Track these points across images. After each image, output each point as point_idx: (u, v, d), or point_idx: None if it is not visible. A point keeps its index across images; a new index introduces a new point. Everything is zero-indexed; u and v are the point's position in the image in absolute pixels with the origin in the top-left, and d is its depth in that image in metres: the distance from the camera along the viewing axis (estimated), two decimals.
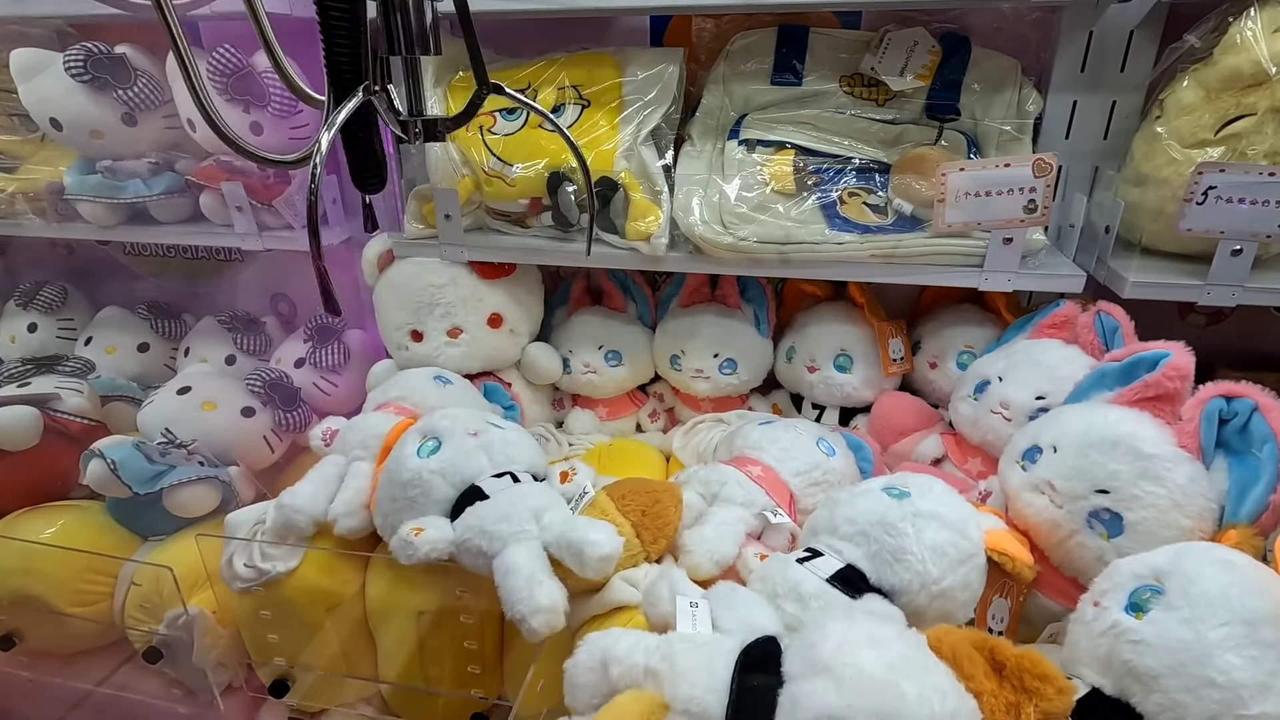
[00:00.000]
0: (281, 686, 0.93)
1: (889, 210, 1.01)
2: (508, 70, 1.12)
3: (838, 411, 1.22)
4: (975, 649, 0.54)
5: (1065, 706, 0.52)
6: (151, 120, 1.19)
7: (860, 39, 1.06)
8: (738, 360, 1.22)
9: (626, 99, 1.06)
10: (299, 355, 1.33)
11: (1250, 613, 0.55)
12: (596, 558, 0.74)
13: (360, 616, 0.92)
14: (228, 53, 1.06)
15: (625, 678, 0.61)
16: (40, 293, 1.48)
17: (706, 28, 1.17)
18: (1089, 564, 0.76)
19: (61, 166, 1.28)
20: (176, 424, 1.13)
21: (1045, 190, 0.89)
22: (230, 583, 0.88)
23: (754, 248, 1.00)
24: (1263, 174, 0.80)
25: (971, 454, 1.02)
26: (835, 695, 0.50)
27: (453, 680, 0.90)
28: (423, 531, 0.79)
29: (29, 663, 1.03)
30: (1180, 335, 0.81)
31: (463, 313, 1.18)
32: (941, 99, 1.04)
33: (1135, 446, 0.74)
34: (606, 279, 1.31)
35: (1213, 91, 0.85)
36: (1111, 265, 0.95)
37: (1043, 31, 1.04)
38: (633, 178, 1.03)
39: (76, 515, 1.06)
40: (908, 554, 0.71)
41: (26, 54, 1.17)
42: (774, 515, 0.88)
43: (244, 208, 1.19)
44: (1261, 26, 0.81)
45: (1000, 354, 1.02)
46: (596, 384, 1.28)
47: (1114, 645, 0.60)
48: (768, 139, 1.06)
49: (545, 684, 0.76)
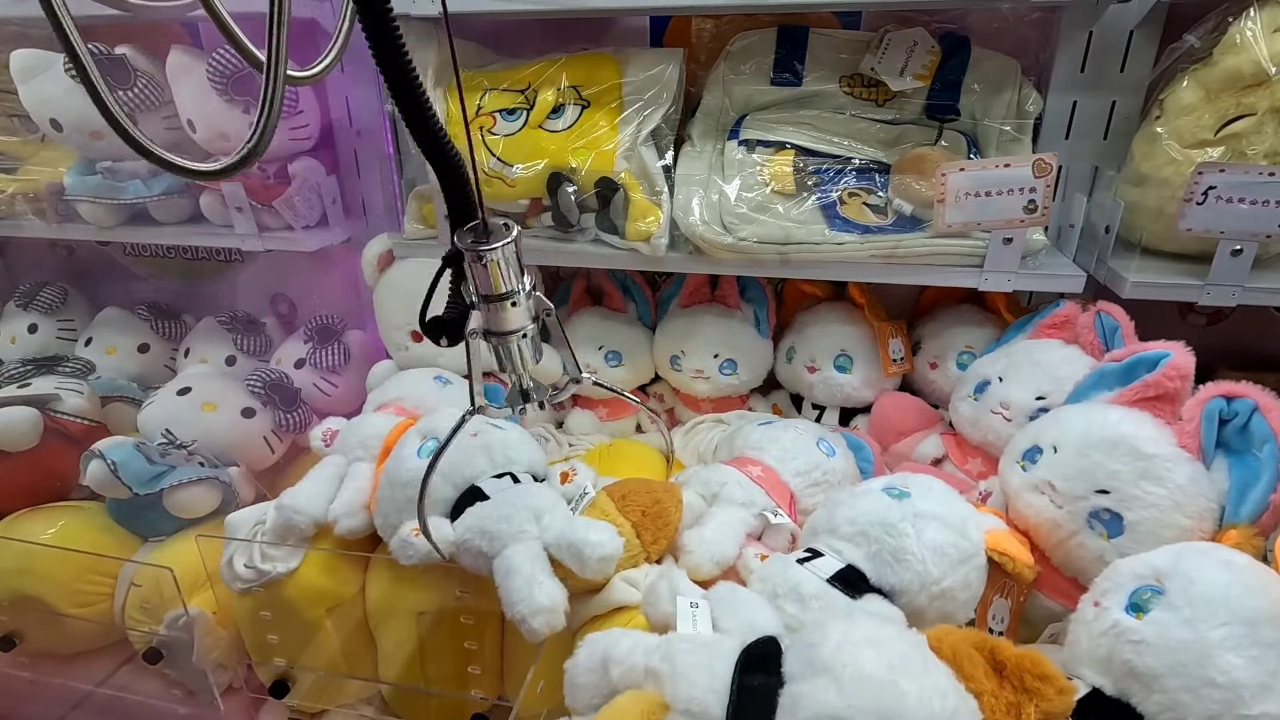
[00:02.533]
0: (282, 687, 0.93)
1: (889, 210, 1.01)
2: (508, 70, 1.12)
3: (838, 412, 1.22)
4: (975, 649, 0.54)
5: (1066, 707, 0.52)
6: (151, 121, 1.19)
7: (860, 39, 1.06)
8: (738, 361, 1.22)
9: (626, 99, 1.06)
10: (299, 356, 1.33)
11: (1251, 613, 0.55)
12: (596, 558, 0.74)
13: (360, 617, 0.92)
14: (227, 54, 1.06)
15: (625, 678, 0.61)
16: (40, 293, 1.48)
17: (706, 28, 1.17)
18: (1089, 564, 0.76)
19: (62, 167, 1.28)
20: (177, 425, 1.13)
21: (1045, 190, 0.89)
22: (230, 583, 0.88)
23: (754, 248, 1.00)
24: (1263, 174, 0.80)
25: (972, 454, 1.02)
26: (835, 695, 0.50)
27: (453, 681, 0.90)
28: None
29: (29, 663, 1.03)
30: (1180, 335, 0.81)
31: None
32: (941, 99, 1.04)
33: (1135, 447, 0.74)
34: (606, 279, 1.31)
35: (1212, 91, 0.85)
36: (1111, 265, 0.95)
37: (1043, 31, 1.04)
38: (633, 178, 1.03)
39: (77, 516, 1.06)
40: (908, 554, 0.71)
41: (27, 55, 1.17)
42: (774, 516, 0.88)
43: (244, 208, 1.19)
44: (1261, 26, 0.81)
45: (1000, 354, 1.02)
46: None
47: (1114, 645, 0.60)
48: (768, 139, 1.06)
49: (545, 684, 0.76)
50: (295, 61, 0.48)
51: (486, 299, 0.62)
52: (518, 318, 0.64)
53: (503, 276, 0.61)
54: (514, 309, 0.63)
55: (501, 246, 0.59)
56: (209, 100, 1.10)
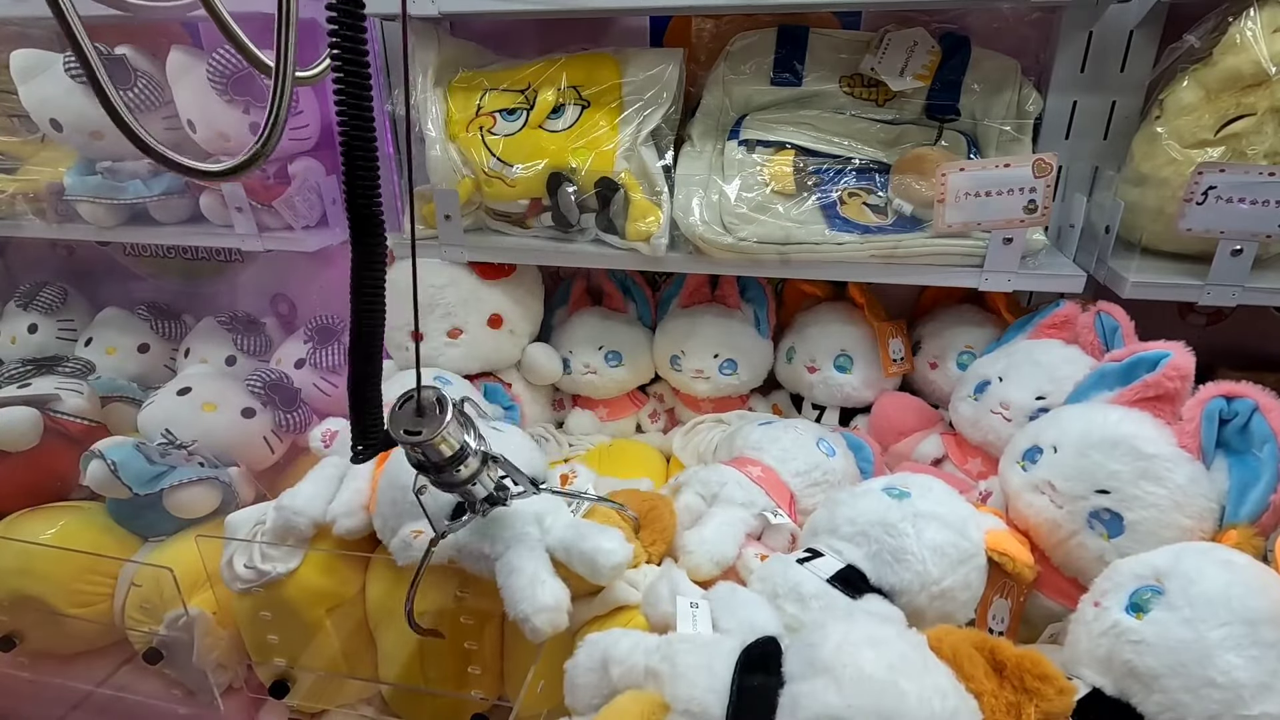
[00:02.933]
0: (281, 687, 0.93)
1: (889, 210, 1.01)
2: (508, 71, 1.12)
3: (838, 412, 1.22)
4: (976, 649, 0.54)
5: (1066, 707, 0.52)
6: (151, 121, 1.19)
7: (860, 39, 1.05)
8: (738, 361, 1.22)
9: (626, 99, 1.06)
10: (299, 356, 1.33)
11: (1251, 613, 0.55)
12: (610, 566, 0.74)
13: (360, 617, 0.92)
14: (227, 54, 1.06)
15: (626, 678, 0.61)
16: (40, 293, 1.48)
17: (706, 28, 1.17)
18: (1089, 564, 0.76)
19: (62, 167, 1.28)
20: (176, 425, 1.13)
21: (1045, 190, 0.89)
22: (230, 583, 0.88)
23: (754, 248, 1.00)
24: (1263, 174, 0.80)
25: (972, 454, 1.02)
26: (835, 695, 0.50)
27: (453, 681, 0.90)
28: (423, 534, 0.80)
29: (29, 663, 1.03)
30: (1180, 335, 0.81)
31: (463, 313, 1.18)
32: (941, 99, 1.04)
33: (1136, 447, 0.74)
34: (606, 279, 1.31)
35: (1212, 91, 0.85)
36: (1111, 265, 0.95)
37: (1043, 31, 1.04)
38: (633, 178, 1.03)
39: (77, 516, 1.06)
40: (908, 554, 0.71)
41: (27, 55, 1.17)
42: (774, 516, 0.88)
43: (244, 208, 1.19)
44: (1261, 26, 0.81)
45: (1000, 354, 1.02)
46: (596, 384, 1.28)
47: (1114, 645, 0.60)
48: (768, 139, 1.06)
49: (545, 684, 0.76)
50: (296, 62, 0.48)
51: (438, 468, 0.64)
52: (470, 467, 0.65)
53: (450, 445, 0.62)
54: (467, 462, 0.65)
55: (443, 429, 0.61)
56: (209, 100, 1.10)
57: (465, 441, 0.64)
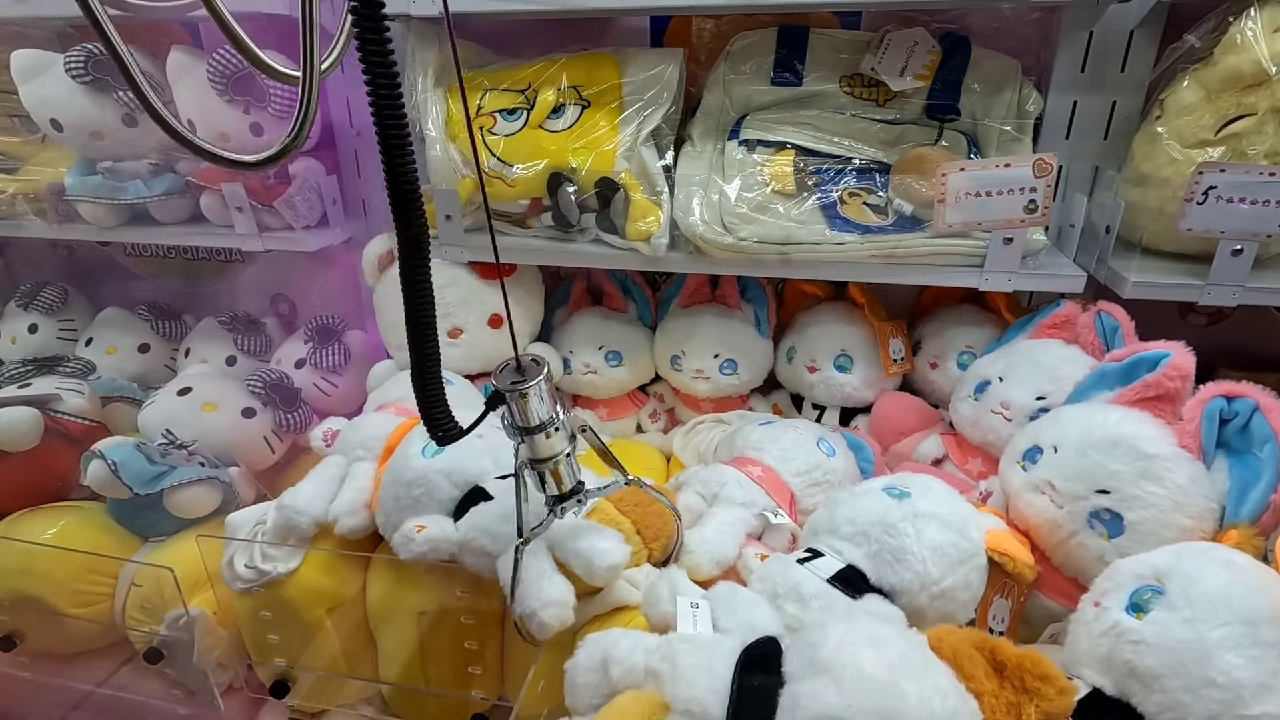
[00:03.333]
0: (282, 687, 0.93)
1: (889, 210, 1.01)
2: (508, 70, 1.12)
3: (838, 412, 1.22)
4: (976, 649, 0.54)
5: (1066, 707, 0.52)
6: (152, 121, 1.19)
7: (860, 39, 1.06)
8: (738, 361, 1.22)
9: (626, 99, 1.06)
10: (299, 356, 1.33)
11: (1251, 613, 0.55)
12: (606, 566, 0.74)
13: (361, 617, 0.92)
14: (227, 54, 1.06)
15: (626, 678, 0.61)
16: (41, 294, 1.48)
17: (706, 28, 1.17)
18: (1090, 564, 0.76)
19: (62, 168, 1.28)
20: (177, 425, 1.13)
21: (1045, 190, 0.89)
22: (231, 583, 0.88)
23: (754, 248, 1.00)
24: (1263, 174, 0.80)
25: (972, 454, 1.02)
26: (836, 695, 0.50)
27: (453, 681, 0.90)
28: (425, 529, 0.80)
29: (29, 663, 1.03)
30: (1181, 335, 0.81)
31: (463, 313, 1.18)
32: (941, 99, 1.04)
33: (1136, 446, 0.74)
34: (607, 279, 1.31)
35: (1213, 91, 0.85)
36: (1112, 265, 0.95)
37: (1043, 31, 1.04)
38: (633, 178, 1.03)
39: (77, 516, 1.06)
40: (908, 554, 0.71)
41: (27, 55, 1.17)
42: (774, 516, 0.88)
43: (244, 208, 1.19)
44: (1261, 26, 0.81)
45: (1000, 354, 1.02)
46: (597, 384, 1.28)
47: (1115, 645, 0.60)
48: (768, 139, 1.06)
49: (545, 684, 0.76)
50: (296, 62, 0.48)
51: (527, 430, 0.67)
52: (560, 438, 0.69)
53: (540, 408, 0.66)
54: (559, 428, 0.68)
55: (541, 378, 0.65)
56: (209, 100, 1.10)
57: (556, 411, 0.68)
